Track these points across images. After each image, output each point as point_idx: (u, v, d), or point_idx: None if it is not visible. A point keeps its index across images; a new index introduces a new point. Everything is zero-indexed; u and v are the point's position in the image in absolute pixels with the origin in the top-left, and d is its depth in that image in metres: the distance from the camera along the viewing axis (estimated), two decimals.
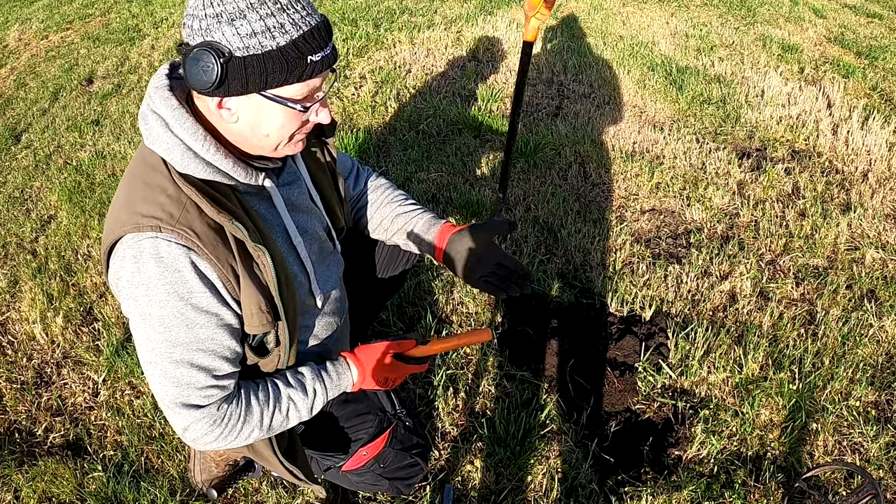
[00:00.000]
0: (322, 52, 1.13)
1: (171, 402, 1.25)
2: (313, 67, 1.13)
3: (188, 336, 1.19)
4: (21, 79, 5.42)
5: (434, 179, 3.41)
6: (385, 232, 1.76)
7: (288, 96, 1.15)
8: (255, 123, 1.18)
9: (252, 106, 1.15)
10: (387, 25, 5.56)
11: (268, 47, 1.08)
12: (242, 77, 1.09)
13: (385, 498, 1.92)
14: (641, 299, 2.63)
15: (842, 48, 5.68)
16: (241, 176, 1.23)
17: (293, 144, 1.27)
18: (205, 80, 1.09)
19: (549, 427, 2.15)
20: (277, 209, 1.36)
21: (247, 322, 1.26)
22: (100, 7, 6.98)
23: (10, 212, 3.49)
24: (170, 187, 1.17)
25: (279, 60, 1.09)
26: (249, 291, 1.22)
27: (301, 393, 1.40)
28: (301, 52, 1.10)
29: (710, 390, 2.28)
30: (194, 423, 1.26)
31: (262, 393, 1.36)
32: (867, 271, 2.87)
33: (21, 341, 2.57)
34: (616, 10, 6.31)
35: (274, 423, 1.37)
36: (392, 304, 2.56)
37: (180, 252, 1.14)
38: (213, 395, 1.26)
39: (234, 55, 1.07)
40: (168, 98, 1.17)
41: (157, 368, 1.22)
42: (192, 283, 1.16)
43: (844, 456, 2.10)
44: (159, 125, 1.16)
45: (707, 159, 3.68)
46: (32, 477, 2.00)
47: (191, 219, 1.15)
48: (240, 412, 1.31)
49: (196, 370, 1.22)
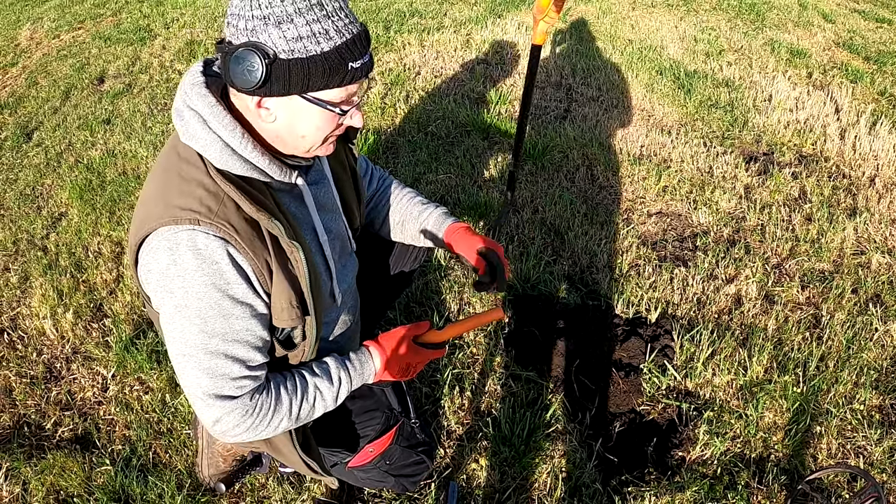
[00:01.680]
0: (362, 60, 1.16)
1: (204, 394, 1.26)
2: (353, 73, 1.15)
3: (224, 327, 1.20)
4: (33, 77, 5.47)
5: (442, 181, 3.43)
6: (398, 230, 1.79)
7: (327, 99, 1.17)
8: (292, 124, 1.20)
9: (291, 107, 1.17)
10: (396, 28, 5.58)
11: (312, 52, 1.10)
12: (285, 79, 1.11)
13: (390, 495, 1.94)
14: (647, 301, 2.64)
15: (850, 53, 5.67)
16: (276, 174, 1.25)
17: (326, 146, 1.29)
18: (248, 79, 1.11)
19: (554, 427, 2.16)
20: (308, 208, 1.38)
21: (275, 316, 1.27)
22: (111, 7, 7.03)
23: (22, 209, 3.52)
24: (207, 181, 1.18)
25: (322, 65, 1.11)
26: (281, 286, 1.24)
27: (327, 382, 1.41)
28: (343, 58, 1.12)
29: (714, 392, 2.29)
30: (226, 414, 1.27)
31: (290, 383, 1.37)
32: (873, 276, 2.87)
33: (31, 336, 2.59)
34: (625, 14, 6.32)
35: (302, 412, 1.38)
36: (399, 303, 2.58)
37: (218, 244, 1.15)
38: (246, 385, 1.27)
39: (278, 57, 1.10)
40: (205, 95, 1.18)
41: (191, 360, 1.23)
42: (229, 275, 1.18)
43: (848, 459, 2.11)
44: (197, 121, 1.18)
45: (714, 163, 3.69)
46: (41, 470, 2.03)
47: (228, 213, 1.16)
48: (270, 402, 1.32)
49: (231, 361, 1.23)
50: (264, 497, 1.95)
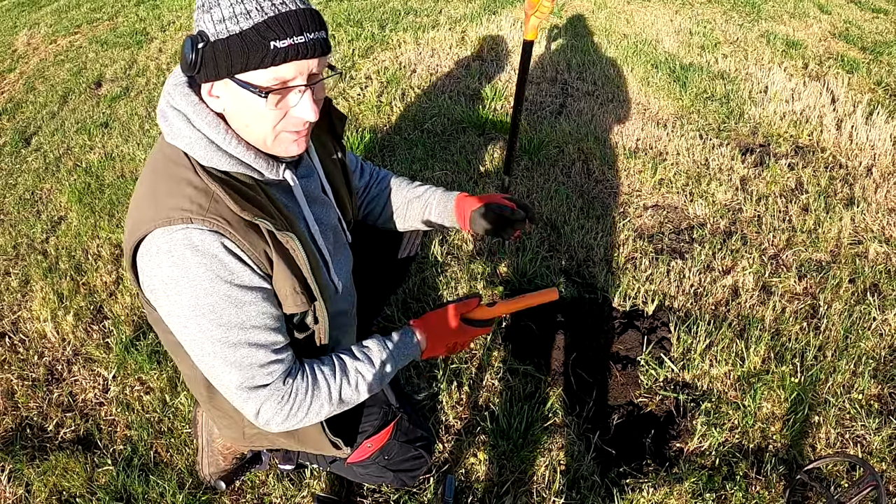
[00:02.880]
0: (290, 39, 1.11)
1: (239, 388, 1.26)
2: (276, 53, 1.11)
3: (240, 316, 1.20)
4: (30, 83, 5.49)
5: (439, 178, 3.44)
6: (401, 215, 1.80)
7: (254, 82, 1.15)
8: (235, 112, 1.20)
9: (230, 93, 1.18)
10: (392, 26, 5.59)
11: (233, 31, 1.11)
12: (213, 61, 1.13)
13: (390, 490, 1.95)
14: (644, 294, 2.65)
15: (846, 43, 5.67)
16: (264, 168, 1.26)
17: (284, 144, 1.26)
18: (184, 64, 1.15)
19: (552, 420, 2.17)
20: (298, 201, 1.39)
21: (283, 303, 1.28)
22: (107, 11, 7.05)
23: (21, 213, 3.54)
24: (195, 179, 1.18)
25: (240, 45, 1.11)
26: (283, 275, 1.24)
27: (368, 365, 1.41)
28: (263, 36, 1.10)
29: (711, 383, 2.30)
30: (264, 403, 1.27)
31: (328, 367, 1.37)
32: (870, 265, 2.88)
33: (32, 339, 2.61)
34: (620, 8, 6.32)
35: (344, 396, 1.37)
36: (397, 299, 2.59)
37: (213, 238, 1.16)
38: (275, 370, 1.27)
39: (209, 41, 1.12)
40: (188, 94, 1.20)
41: (216, 358, 1.23)
42: (231, 265, 1.18)
43: (846, 448, 2.12)
44: (181, 120, 1.19)
45: (710, 155, 3.69)
46: (44, 471, 2.04)
47: (220, 208, 1.17)
48: (306, 386, 1.31)
49: (255, 348, 1.23)
50: (264, 494, 1.96)
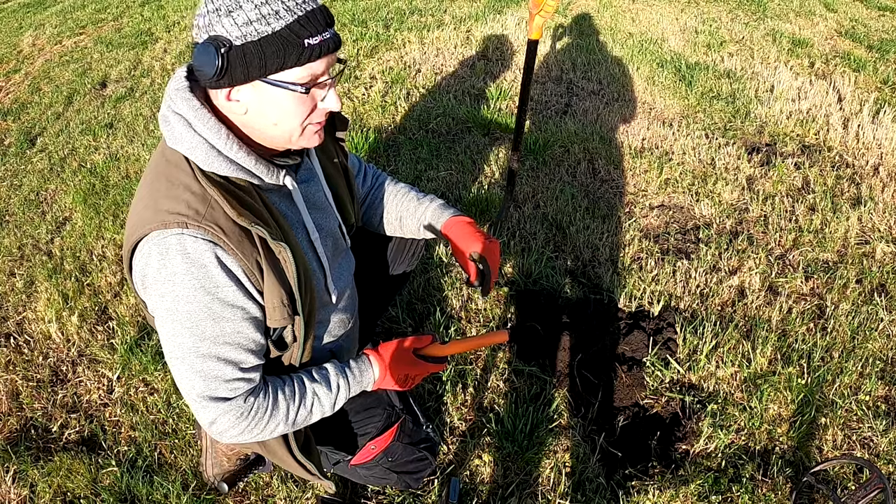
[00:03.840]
0: (320, 36, 1.15)
1: (198, 396, 1.27)
2: (311, 51, 1.14)
3: (215, 330, 1.21)
4: (35, 83, 5.50)
5: (443, 178, 3.43)
6: (397, 225, 1.78)
7: (289, 80, 1.16)
8: (263, 112, 1.20)
9: (257, 94, 1.17)
10: (396, 26, 5.59)
11: (264, 33, 1.11)
12: (243, 64, 1.12)
13: (394, 492, 1.94)
14: (650, 294, 2.63)
15: (853, 42, 5.64)
16: (264, 174, 1.26)
17: (308, 136, 1.28)
18: (208, 71, 1.12)
19: (557, 422, 2.16)
20: (298, 207, 1.38)
21: (269, 316, 1.28)
22: (112, 12, 7.06)
23: (26, 214, 3.54)
24: (194, 185, 1.19)
25: (276, 44, 1.11)
26: (273, 286, 1.24)
27: (325, 388, 1.42)
28: (298, 35, 1.12)
29: (718, 385, 2.29)
30: (221, 415, 1.28)
31: (289, 388, 1.38)
32: (878, 265, 2.86)
33: (37, 340, 2.61)
34: (626, 7, 6.30)
35: (298, 417, 1.39)
36: (401, 300, 2.58)
37: (206, 247, 1.16)
38: (239, 387, 1.28)
39: (234, 45, 1.11)
40: (189, 98, 1.19)
41: (184, 364, 1.24)
42: (218, 278, 1.18)
43: (853, 450, 2.10)
44: (182, 125, 1.19)
45: (716, 155, 3.68)
46: (48, 472, 2.04)
47: (216, 215, 1.17)
48: (266, 405, 1.33)
49: (223, 363, 1.24)
50: (269, 496, 1.95)
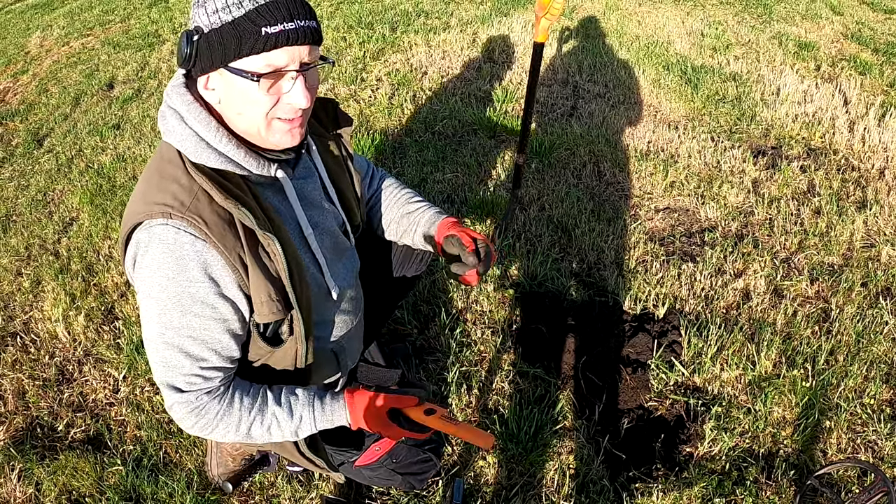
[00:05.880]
0: (280, 26, 1.14)
1: (159, 380, 1.31)
2: (267, 39, 1.14)
3: (181, 322, 1.24)
4: (43, 84, 5.53)
5: (449, 180, 3.44)
6: (395, 231, 1.78)
7: (247, 69, 1.17)
8: (229, 101, 1.22)
9: (224, 82, 1.20)
10: (403, 28, 5.60)
11: (226, 21, 1.14)
12: (208, 51, 1.16)
13: (398, 492, 1.94)
14: (655, 297, 2.64)
15: (859, 45, 5.62)
16: (253, 166, 1.27)
17: (278, 132, 1.26)
18: (180, 58, 1.19)
19: (562, 423, 2.16)
20: (290, 201, 1.39)
21: (257, 311, 1.29)
22: (120, 13, 7.09)
23: (34, 214, 3.57)
24: (182, 177, 1.22)
25: (234, 32, 1.14)
26: (258, 281, 1.25)
27: (286, 414, 1.39)
28: (255, 23, 1.13)
29: (722, 387, 2.28)
30: (175, 404, 1.32)
31: (249, 400, 1.37)
32: (883, 269, 2.85)
33: (44, 339, 2.63)
34: (632, 10, 6.30)
35: (253, 432, 1.38)
36: (407, 302, 2.59)
37: (187, 240, 1.19)
38: (195, 383, 1.30)
39: (203, 32, 1.16)
40: (184, 93, 1.23)
41: (150, 346, 1.28)
42: (192, 272, 1.20)
43: (858, 454, 2.10)
44: (175, 119, 1.23)
45: (722, 157, 3.67)
46: (54, 471, 2.06)
47: (200, 207, 1.19)
48: (218, 410, 1.33)
49: (183, 356, 1.27)
50: (273, 496, 1.96)
